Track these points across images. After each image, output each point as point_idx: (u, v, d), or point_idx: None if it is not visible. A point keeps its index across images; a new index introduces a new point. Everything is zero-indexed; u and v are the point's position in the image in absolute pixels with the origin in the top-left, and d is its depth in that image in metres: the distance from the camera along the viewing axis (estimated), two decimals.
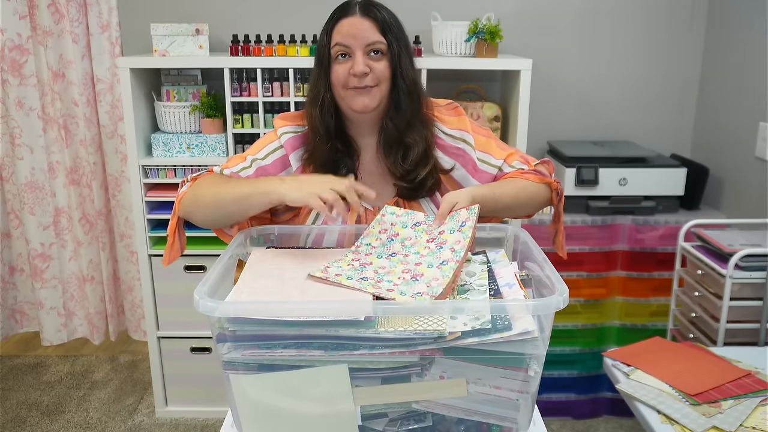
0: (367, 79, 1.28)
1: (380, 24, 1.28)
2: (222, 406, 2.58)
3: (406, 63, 1.31)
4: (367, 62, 1.27)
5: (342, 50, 1.28)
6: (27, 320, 3.07)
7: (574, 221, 2.39)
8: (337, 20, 1.29)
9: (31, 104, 2.72)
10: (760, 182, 2.29)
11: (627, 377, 1.68)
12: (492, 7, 2.57)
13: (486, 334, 0.92)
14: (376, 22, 1.28)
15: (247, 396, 0.97)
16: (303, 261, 1.15)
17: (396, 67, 1.30)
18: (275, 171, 1.36)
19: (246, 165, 1.34)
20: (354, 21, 1.27)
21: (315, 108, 1.32)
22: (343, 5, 1.31)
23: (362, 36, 1.27)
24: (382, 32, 1.28)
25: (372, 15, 1.28)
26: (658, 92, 2.75)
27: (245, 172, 1.33)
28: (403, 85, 1.30)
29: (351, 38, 1.27)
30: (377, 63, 1.28)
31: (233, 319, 0.93)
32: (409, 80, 1.31)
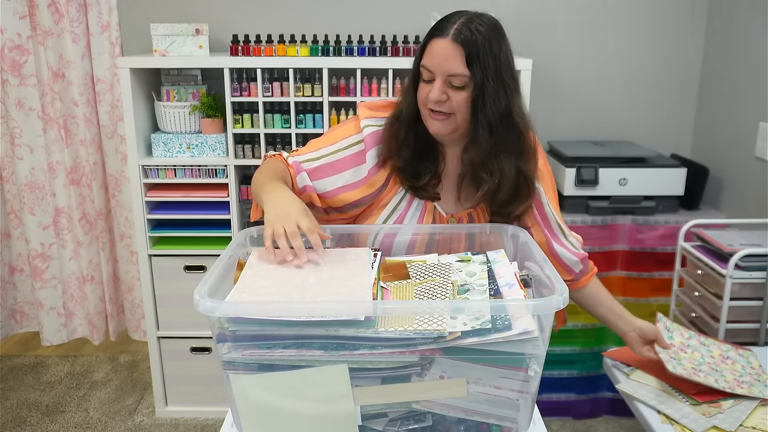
0: (443, 107, 1.25)
1: (468, 54, 1.21)
2: (222, 406, 2.58)
3: (493, 97, 1.23)
4: (446, 90, 1.24)
5: (427, 75, 1.25)
6: (27, 320, 3.07)
7: (574, 221, 2.39)
8: (432, 36, 1.25)
9: (31, 104, 2.72)
10: (760, 182, 2.29)
11: (627, 377, 1.67)
12: (492, 7, 2.57)
13: (486, 334, 0.92)
14: (464, 50, 1.21)
15: (247, 396, 0.97)
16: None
17: (477, 101, 1.23)
18: (343, 167, 1.34)
19: (314, 156, 1.34)
20: (443, 46, 1.22)
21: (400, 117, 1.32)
22: (445, 19, 1.26)
23: (445, 65, 1.22)
24: (468, 63, 1.21)
25: (462, 41, 1.21)
26: (658, 92, 2.75)
27: (309, 165, 1.33)
28: (484, 120, 1.24)
29: (435, 63, 1.23)
30: (455, 93, 1.24)
31: (233, 319, 0.93)
32: (493, 114, 1.24)
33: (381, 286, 1.08)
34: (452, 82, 1.23)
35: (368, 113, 1.37)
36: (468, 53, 1.21)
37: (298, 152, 1.36)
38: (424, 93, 1.26)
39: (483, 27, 1.23)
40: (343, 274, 1.08)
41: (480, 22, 1.23)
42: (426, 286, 1.07)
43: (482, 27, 1.23)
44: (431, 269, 1.14)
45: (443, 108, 1.25)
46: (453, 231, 1.32)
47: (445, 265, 1.16)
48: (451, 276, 1.10)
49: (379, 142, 1.34)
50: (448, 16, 1.26)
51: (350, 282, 1.05)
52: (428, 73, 1.25)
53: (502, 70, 1.24)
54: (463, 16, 1.25)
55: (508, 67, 1.26)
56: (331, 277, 1.06)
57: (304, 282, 1.04)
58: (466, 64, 1.21)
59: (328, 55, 2.35)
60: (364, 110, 1.38)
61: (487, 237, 1.30)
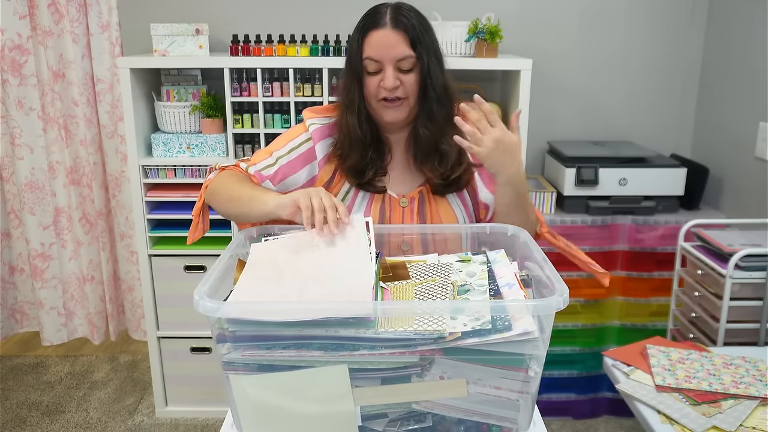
0: (398, 92, 1.30)
1: (410, 36, 1.28)
2: (222, 406, 2.58)
3: (436, 71, 1.32)
4: (397, 76, 1.29)
5: (373, 66, 1.30)
6: (27, 320, 3.07)
7: (574, 221, 2.39)
8: (368, 30, 1.30)
9: (31, 104, 2.72)
10: (760, 182, 2.29)
11: (627, 377, 1.68)
12: (492, 7, 2.57)
13: (486, 335, 0.92)
14: (406, 34, 1.28)
15: (247, 396, 0.97)
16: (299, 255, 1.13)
17: (426, 78, 1.31)
18: (298, 166, 1.39)
19: (270, 162, 1.38)
20: (384, 34, 1.28)
21: (351, 116, 1.35)
22: (374, 13, 1.31)
23: (393, 51, 1.28)
24: (412, 45, 1.28)
25: (402, 26, 1.28)
26: (658, 92, 2.75)
27: (268, 171, 1.37)
28: (434, 94, 1.32)
29: (381, 53, 1.28)
30: (407, 76, 1.30)
31: (233, 319, 0.93)
32: (439, 88, 1.33)
33: (381, 286, 1.08)
34: (401, 66, 1.29)
35: (311, 115, 1.43)
36: (411, 36, 1.28)
37: (252, 162, 1.38)
38: (374, 84, 1.31)
39: (412, 12, 1.31)
40: (344, 269, 1.08)
41: (407, 8, 1.32)
42: (426, 286, 1.07)
43: (411, 12, 1.31)
44: (431, 269, 1.14)
45: (397, 93, 1.30)
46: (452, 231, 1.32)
47: (445, 265, 1.16)
48: (451, 276, 1.10)
49: (326, 136, 1.40)
50: (374, 10, 1.32)
51: (350, 279, 1.04)
52: (375, 63, 1.29)
53: (436, 48, 1.34)
54: (389, 7, 1.31)
55: (439, 47, 1.35)
56: (330, 275, 1.06)
57: (304, 281, 1.04)
58: (411, 46, 1.28)
59: (328, 55, 2.35)
60: (307, 113, 1.44)
61: (486, 237, 1.30)
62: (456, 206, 1.40)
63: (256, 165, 1.37)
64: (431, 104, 1.33)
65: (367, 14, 1.32)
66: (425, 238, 1.31)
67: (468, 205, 1.42)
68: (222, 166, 1.38)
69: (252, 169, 1.36)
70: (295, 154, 1.39)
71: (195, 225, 1.37)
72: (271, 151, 1.39)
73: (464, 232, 1.32)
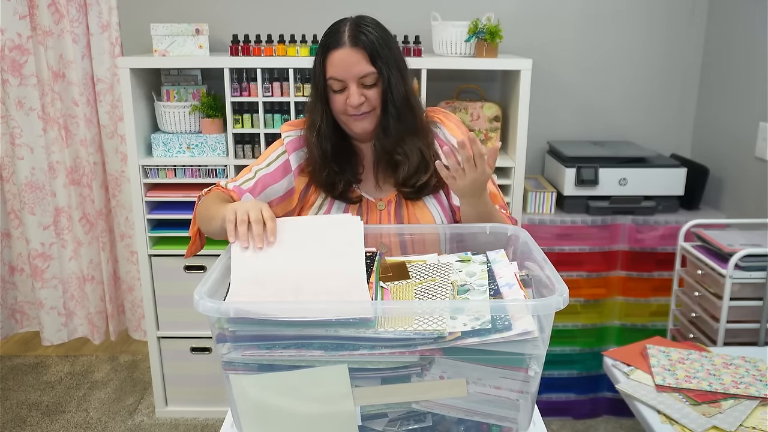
0: (363, 107, 1.34)
1: (369, 53, 1.31)
2: (222, 406, 2.58)
3: (396, 85, 1.34)
4: (361, 92, 1.33)
5: (337, 85, 1.33)
6: (27, 320, 3.07)
7: (574, 221, 2.39)
8: (328, 50, 1.33)
9: (31, 104, 2.72)
10: (760, 182, 2.29)
11: (627, 377, 1.68)
12: (492, 7, 2.57)
13: (486, 335, 0.92)
14: (365, 51, 1.31)
15: (247, 396, 0.97)
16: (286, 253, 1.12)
17: (387, 92, 1.34)
18: (278, 177, 1.43)
19: (250, 176, 1.42)
20: (344, 54, 1.31)
21: (312, 134, 1.39)
22: (333, 32, 1.34)
23: (354, 69, 1.31)
24: (372, 61, 1.31)
25: (361, 44, 1.31)
26: (658, 92, 2.75)
27: (247, 184, 1.41)
28: (393, 110, 1.35)
29: (344, 72, 1.31)
30: (370, 91, 1.33)
31: (233, 319, 0.93)
32: (400, 102, 1.35)
33: (381, 286, 1.08)
34: (364, 83, 1.33)
35: (288, 128, 1.47)
36: (370, 53, 1.31)
37: (234, 179, 1.43)
38: (341, 102, 1.34)
39: (370, 26, 1.34)
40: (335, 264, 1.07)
41: (365, 23, 1.34)
42: (426, 286, 1.07)
43: (370, 27, 1.34)
44: (431, 269, 1.14)
45: (364, 108, 1.34)
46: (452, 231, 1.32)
47: (444, 265, 1.16)
48: (450, 276, 1.10)
49: (299, 147, 1.44)
50: (334, 29, 1.35)
51: (343, 276, 1.04)
52: (339, 83, 1.33)
53: (397, 59, 1.36)
54: (347, 23, 1.34)
55: (400, 56, 1.38)
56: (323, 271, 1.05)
57: (300, 280, 1.04)
58: (371, 62, 1.31)
59: None
60: (285, 127, 1.48)
61: (486, 237, 1.30)
62: (433, 207, 1.42)
63: (235, 181, 1.42)
64: (388, 119, 1.36)
65: (327, 33, 1.35)
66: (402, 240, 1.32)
67: (445, 206, 1.44)
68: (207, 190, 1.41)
69: (231, 185, 1.41)
70: (273, 166, 1.43)
71: (192, 243, 1.42)
72: (252, 167, 1.44)
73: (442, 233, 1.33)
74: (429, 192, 1.42)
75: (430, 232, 1.33)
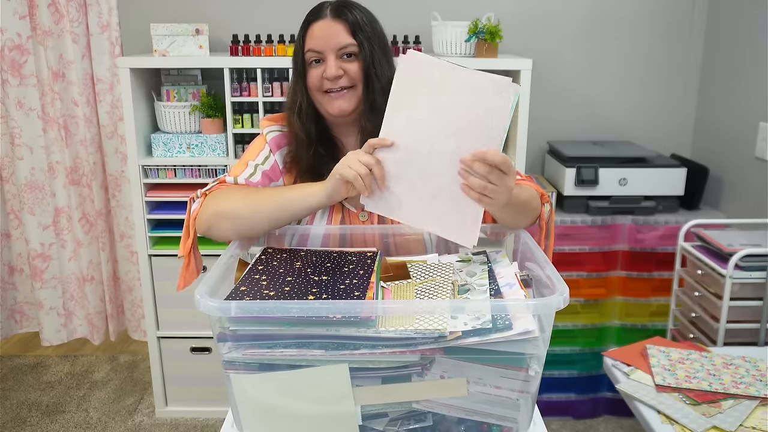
0: (342, 81, 1.28)
1: (351, 25, 1.27)
2: (222, 406, 2.58)
3: (380, 62, 1.28)
4: (340, 65, 1.27)
5: (315, 56, 1.28)
6: (27, 320, 3.07)
7: (574, 221, 2.39)
8: (309, 24, 1.29)
9: (31, 104, 2.72)
10: (760, 182, 2.29)
11: (627, 377, 1.68)
12: (492, 7, 2.57)
13: (486, 334, 0.92)
14: (347, 24, 1.26)
15: (247, 396, 0.97)
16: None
17: (369, 67, 1.28)
18: (275, 175, 1.37)
19: (251, 171, 1.34)
20: (325, 25, 1.27)
21: (293, 115, 1.33)
22: (315, 8, 1.30)
23: (333, 40, 1.26)
24: (353, 34, 1.27)
25: (343, 17, 1.27)
26: (658, 92, 2.75)
27: (255, 177, 1.33)
28: (378, 85, 1.27)
29: (322, 43, 1.26)
30: (350, 65, 1.28)
31: (234, 318, 0.93)
32: (384, 79, 1.27)
33: (381, 285, 1.08)
34: (345, 53, 1.27)
35: (268, 123, 1.40)
36: (351, 26, 1.26)
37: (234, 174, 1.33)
38: (317, 76, 1.28)
39: (355, 6, 1.30)
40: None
41: (351, 3, 1.30)
42: (426, 286, 1.07)
43: (354, 5, 1.30)
44: (431, 269, 1.14)
45: (342, 83, 1.27)
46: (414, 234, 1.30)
47: (445, 265, 1.16)
48: (451, 276, 1.10)
49: (282, 145, 1.37)
50: (317, 6, 1.30)
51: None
52: (316, 54, 1.27)
53: (381, 41, 1.31)
54: (331, 2, 1.30)
55: (385, 41, 1.33)
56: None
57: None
58: (352, 34, 1.26)
59: None
60: (264, 122, 1.41)
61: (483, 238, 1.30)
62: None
63: (241, 175, 1.32)
64: (374, 95, 1.28)
65: (309, 11, 1.31)
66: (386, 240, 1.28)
67: None
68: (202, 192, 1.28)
69: (241, 178, 1.31)
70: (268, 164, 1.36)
71: (186, 266, 1.26)
72: (246, 161, 1.35)
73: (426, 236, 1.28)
74: None
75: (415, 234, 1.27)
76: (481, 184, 1.04)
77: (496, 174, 1.03)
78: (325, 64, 1.27)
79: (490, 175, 1.03)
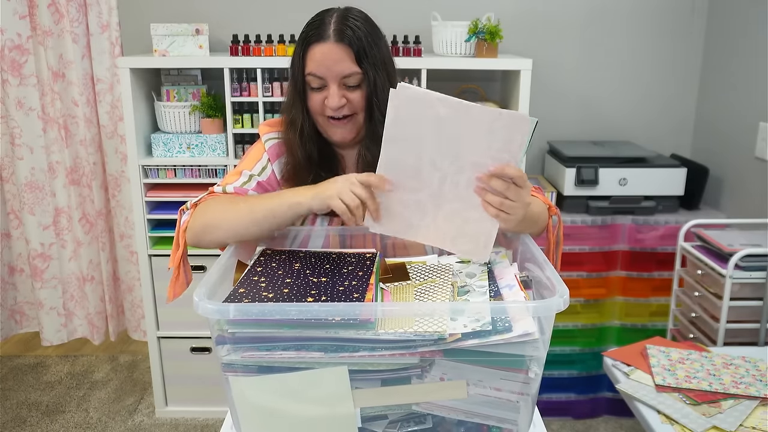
0: (344, 110, 1.23)
1: (355, 51, 1.20)
2: (222, 406, 2.58)
3: (383, 89, 1.21)
4: (343, 93, 1.22)
5: (317, 82, 1.22)
6: (27, 321, 3.07)
7: (574, 221, 2.39)
8: (310, 44, 1.22)
9: (31, 104, 2.72)
10: (760, 182, 2.29)
11: (627, 377, 1.68)
12: (492, 7, 2.57)
13: (486, 336, 0.91)
14: (350, 49, 1.20)
15: (246, 398, 0.97)
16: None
17: (372, 96, 1.23)
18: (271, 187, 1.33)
19: (244, 180, 1.30)
20: (328, 50, 1.20)
21: (294, 134, 1.28)
22: (317, 24, 1.23)
23: (336, 67, 1.20)
24: (358, 61, 1.20)
25: (347, 40, 1.20)
26: (658, 92, 2.75)
27: (249, 185, 1.29)
28: (379, 114, 1.21)
29: (324, 69, 1.21)
30: (353, 93, 1.23)
31: (233, 321, 0.93)
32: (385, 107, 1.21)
33: (381, 287, 1.08)
34: (347, 83, 1.22)
35: (267, 129, 1.36)
36: (356, 51, 1.20)
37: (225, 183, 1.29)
38: (319, 102, 1.23)
39: (359, 21, 1.22)
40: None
41: (354, 17, 1.23)
42: (426, 287, 1.07)
43: (358, 21, 1.22)
44: (431, 270, 1.14)
45: (344, 111, 1.23)
46: None
47: (445, 266, 1.15)
48: (450, 277, 1.10)
49: (280, 154, 1.33)
50: (318, 19, 1.23)
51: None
52: (318, 80, 1.22)
53: (386, 61, 1.25)
54: (334, 14, 1.23)
55: (389, 55, 1.27)
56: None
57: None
58: (356, 61, 1.20)
59: None
60: (263, 128, 1.36)
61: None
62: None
63: (232, 184, 1.28)
64: (375, 126, 1.22)
65: (310, 23, 1.24)
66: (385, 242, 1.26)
67: None
68: (192, 203, 1.25)
69: (229, 188, 1.27)
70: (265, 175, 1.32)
71: (176, 278, 1.23)
72: (240, 170, 1.31)
73: None
74: None
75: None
76: (498, 200, 1.05)
77: (513, 189, 1.05)
78: (327, 91, 1.22)
79: (507, 191, 1.05)
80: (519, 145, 1.04)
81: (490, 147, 1.05)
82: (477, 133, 1.04)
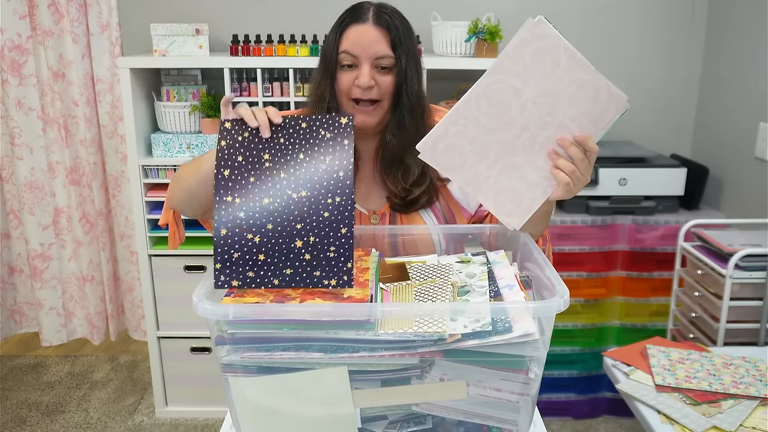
0: (372, 93, 1.23)
1: (392, 36, 1.22)
2: (222, 406, 2.58)
3: (412, 78, 1.25)
4: (374, 75, 1.22)
5: (349, 59, 1.23)
6: (26, 321, 3.07)
7: (574, 221, 2.39)
8: (348, 24, 1.23)
9: (31, 104, 2.72)
10: (760, 182, 2.29)
11: (627, 377, 1.68)
12: (492, 7, 2.57)
13: (486, 336, 0.91)
14: (388, 33, 1.22)
15: (246, 399, 0.97)
16: None
17: (402, 83, 1.24)
18: None
19: None
20: (365, 30, 1.22)
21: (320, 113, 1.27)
22: (355, 8, 1.25)
23: (372, 48, 1.21)
24: (393, 46, 1.22)
25: (385, 25, 1.22)
26: (658, 92, 2.75)
27: None
28: (408, 102, 1.25)
29: (360, 48, 1.21)
30: (383, 77, 1.23)
31: (232, 321, 0.93)
32: (413, 97, 1.26)
33: (381, 287, 1.08)
34: (380, 64, 1.23)
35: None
36: (392, 36, 1.22)
37: None
38: (349, 81, 1.23)
39: (396, 13, 1.26)
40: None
41: (391, 10, 1.26)
42: (426, 287, 1.07)
43: (395, 13, 1.26)
44: (431, 270, 1.14)
45: (372, 94, 1.23)
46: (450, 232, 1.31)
47: (444, 266, 1.15)
48: (450, 277, 1.10)
49: None
50: (357, 6, 1.26)
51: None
52: (351, 58, 1.22)
53: (415, 56, 1.27)
54: (372, 5, 1.26)
55: (419, 57, 1.29)
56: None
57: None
58: (392, 46, 1.22)
59: None
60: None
61: (487, 238, 1.30)
62: (428, 220, 1.33)
63: None
64: (403, 112, 1.26)
65: (348, 9, 1.26)
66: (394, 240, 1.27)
67: (441, 219, 1.35)
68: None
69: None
70: None
71: (173, 232, 1.34)
72: None
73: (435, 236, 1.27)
74: (416, 208, 1.31)
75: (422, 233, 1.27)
76: (571, 168, 1.07)
77: (585, 163, 1.08)
78: (358, 71, 1.22)
79: (580, 163, 1.07)
80: (608, 122, 1.05)
81: (584, 114, 1.05)
82: (580, 96, 1.04)
